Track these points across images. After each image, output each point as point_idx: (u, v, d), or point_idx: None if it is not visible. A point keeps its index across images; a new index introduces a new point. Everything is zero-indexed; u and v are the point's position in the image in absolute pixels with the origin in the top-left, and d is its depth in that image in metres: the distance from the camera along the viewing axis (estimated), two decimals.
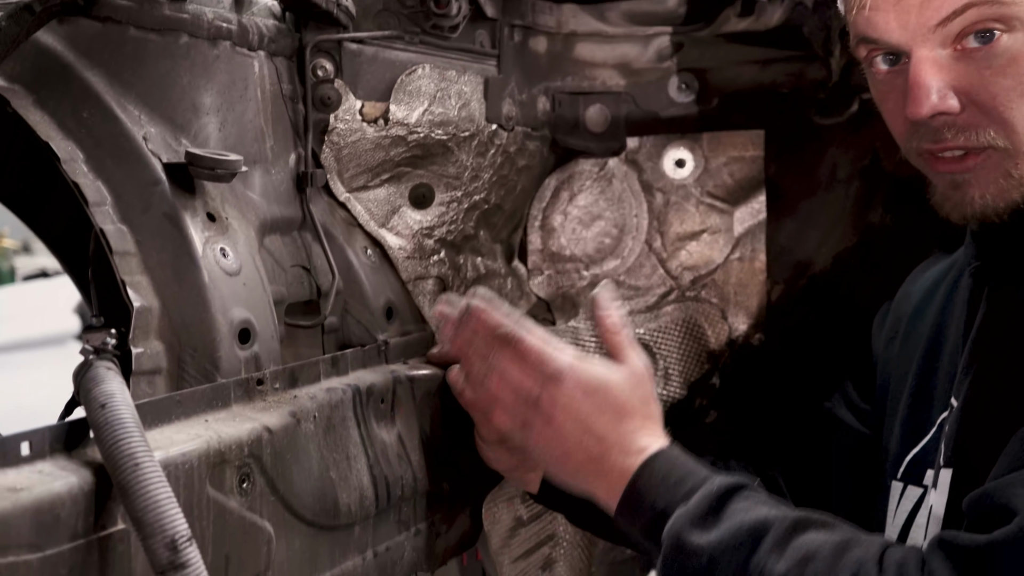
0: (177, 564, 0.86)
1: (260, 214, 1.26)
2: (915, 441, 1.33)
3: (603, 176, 1.72)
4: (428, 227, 1.51)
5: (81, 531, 0.87)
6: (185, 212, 1.14)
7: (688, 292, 1.73)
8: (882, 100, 1.26)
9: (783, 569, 1.08)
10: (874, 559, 1.08)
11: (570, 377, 1.25)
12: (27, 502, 0.82)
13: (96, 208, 1.11)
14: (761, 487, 1.24)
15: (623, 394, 1.26)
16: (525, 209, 1.71)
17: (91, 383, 0.91)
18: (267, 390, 1.16)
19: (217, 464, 1.02)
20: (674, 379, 1.70)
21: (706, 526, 1.14)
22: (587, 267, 1.73)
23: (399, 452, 1.34)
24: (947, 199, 1.22)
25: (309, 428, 1.17)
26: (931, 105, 1.15)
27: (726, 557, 1.11)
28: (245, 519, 1.06)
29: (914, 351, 1.38)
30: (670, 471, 1.21)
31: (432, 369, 1.42)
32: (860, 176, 1.71)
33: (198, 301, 1.12)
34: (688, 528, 1.14)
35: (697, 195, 1.72)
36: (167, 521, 0.86)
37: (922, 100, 1.16)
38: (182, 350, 1.12)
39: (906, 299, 1.47)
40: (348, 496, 1.23)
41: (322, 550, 1.20)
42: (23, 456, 0.86)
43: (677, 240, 1.73)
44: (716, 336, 1.71)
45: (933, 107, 1.15)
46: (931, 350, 1.35)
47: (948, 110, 1.16)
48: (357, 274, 1.41)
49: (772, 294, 1.72)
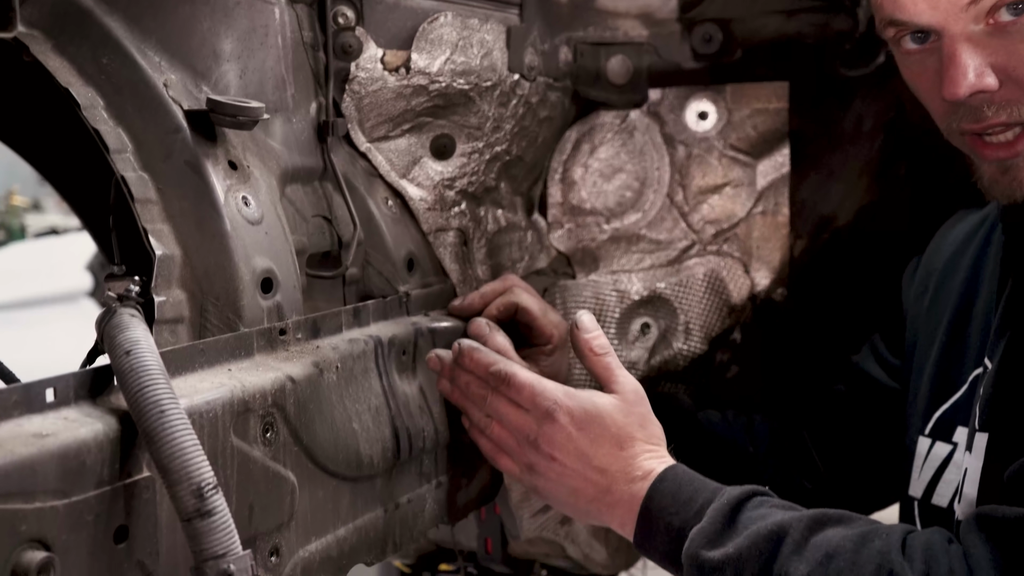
0: (203, 511, 0.86)
1: (281, 163, 1.25)
2: (945, 397, 1.31)
3: (624, 128, 1.70)
4: (449, 178, 1.49)
5: (107, 478, 0.86)
6: (207, 160, 1.12)
7: (710, 246, 1.71)
8: (915, 80, 1.23)
9: (806, 570, 1.07)
10: (896, 547, 1.07)
11: (562, 413, 1.23)
12: (53, 448, 0.81)
13: (117, 155, 1.09)
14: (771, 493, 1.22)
15: (618, 421, 1.24)
16: (546, 162, 1.69)
17: (115, 330, 0.90)
18: (290, 340, 1.15)
19: (241, 413, 1.01)
20: (695, 334, 1.68)
21: (723, 541, 1.12)
22: (608, 221, 1.71)
23: (421, 404, 1.33)
24: (996, 183, 1.19)
25: (332, 379, 1.17)
26: (968, 85, 1.12)
27: (748, 568, 1.10)
28: (269, 469, 1.05)
29: (945, 306, 1.36)
30: (679, 490, 1.19)
31: (453, 322, 1.41)
32: (886, 129, 1.69)
33: (220, 249, 1.10)
34: (705, 545, 1.13)
35: (720, 148, 1.69)
36: (193, 468, 0.85)
37: (959, 81, 1.12)
38: (204, 299, 1.10)
39: (937, 253, 1.45)
40: (370, 448, 1.22)
41: (344, 501, 1.20)
42: (48, 403, 0.85)
43: (699, 193, 1.71)
44: (738, 290, 1.69)
45: (971, 87, 1.12)
46: (963, 305, 1.34)
47: (986, 88, 1.13)
48: (378, 225, 1.39)
49: (795, 248, 1.70)
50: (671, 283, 1.69)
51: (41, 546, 0.79)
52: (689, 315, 1.68)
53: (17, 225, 12.12)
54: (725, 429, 1.54)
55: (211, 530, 0.86)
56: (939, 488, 1.28)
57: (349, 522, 1.21)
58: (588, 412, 1.23)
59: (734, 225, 1.71)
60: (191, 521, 0.86)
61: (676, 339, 1.68)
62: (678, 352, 1.68)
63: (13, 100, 1.40)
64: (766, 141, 1.68)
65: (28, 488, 0.79)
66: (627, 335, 1.67)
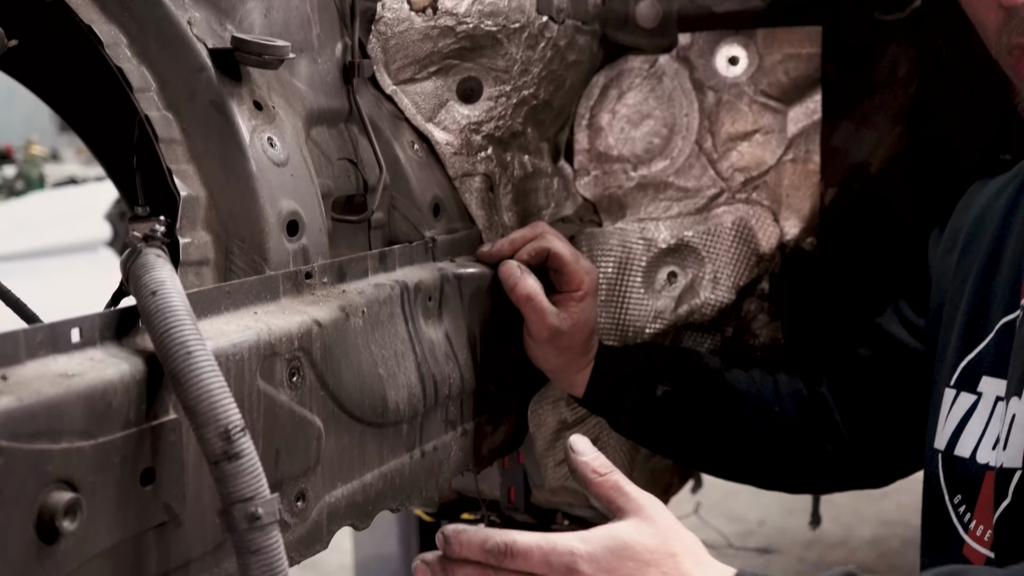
0: (231, 454, 0.84)
1: (307, 104, 1.23)
2: (970, 348, 1.29)
3: (653, 74, 1.67)
4: (476, 122, 1.46)
5: (133, 420, 0.85)
6: (232, 100, 1.10)
7: (739, 194, 1.68)
8: None
9: None
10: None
11: (585, 562, 1.02)
12: (80, 388, 0.80)
13: (141, 94, 1.07)
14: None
15: (649, 545, 1.04)
16: (573, 107, 1.66)
17: (141, 270, 0.88)
18: (316, 284, 1.13)
19: (268, 356, 1.00)
20: (723, 283, 1.66)
21: None
22: (635, 168, 1.68)
23: (447, 351, 1.32)
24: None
25: (358, 323, 1.15)
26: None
27: None
28: (295, 413, 1.04)
29: (973, 261, 1.34)
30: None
31: (480, 268, 1.40)
32: (921, 75, 1.65)
33: (246, 191, 1.09)
34: None
35: (750, 94, 1.66)
36: (220, 410, 0.84)
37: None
38: (230, 241, 1.09)
39: (964, 211, 1.43)
40: (396, 394, 1.21)
41: (370, 447, 1.19)
42: (74, 343, 0.84)
43: (728, 140, 1.68)
44: (767, 239, 1.67)
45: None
46: (991, 259, 1.31)
47: None
48: (404, 169, 1.37)
49: (825, 197, 1.68)
50: (699, 231, 1.66)
51: (68, 487, 0.78)
52: (717, 264, 1.66)
53: (36, 175, 12.13)
54: (751, 388, 1.52)
55: (239, 473, 0.84)
56: (962, 439, 1.26)
57: (375, 468, 1.20)
58: (613, 550, 1.03)
59: (764, 173, 1.68)
60: (218, 464, 0.84)
61: (703, 288, 1.65)
62: (705, 302, 1.66)
63: (35, 41, 1.38)
64: (798, 87, 1.65)
65: (55, 428, 0.77)
66: (653, 284, 1.65)
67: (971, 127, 1.66)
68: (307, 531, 1.08)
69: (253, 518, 0.85)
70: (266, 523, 0.85)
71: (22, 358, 0.79)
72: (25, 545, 0.75)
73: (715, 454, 1.56)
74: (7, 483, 0.73)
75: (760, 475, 1.57)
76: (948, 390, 1.30)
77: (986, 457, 1.22)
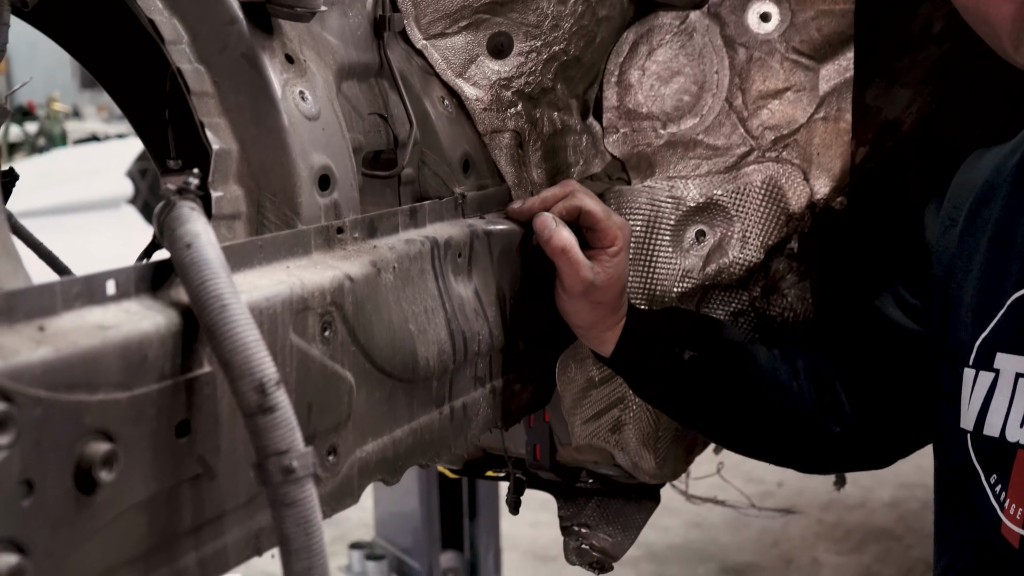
0: (266, 407, 0.84)
1: (338, 58, 1.22)
2: (984, 325, 1.28)
3: (684, 30, 1.65)
4: (506, 78, 1.45)
5: (168, 372, 0.85)
6: (263, 52, 1.10)
7: (769, 152, 1.66)
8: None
9: None
10: None
11: None
12: (116, 340, 0.80)
13: (173, 47, 1.07)
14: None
15: None
16: (602, 63, 1.65)
17: (175, 223, 0.88)
18: (347, 239, 1.13)
19: (300, 311, 1.00)
20: (751, 242, 1.64)
21: None
22: (664, 125, 1.67)
23: (476, 307, 1.31)
24: None
25: (389, 279, 1.15)
26: None
27: None
28: (327, 368, 1.04)
29: (980, 236, 1.32)
30: None
31: (510, 224, 1.39)
32: (955, 33, 1.63)
33: (278, 145, 1.08)
34: None
35: (782, 51, 1.64)
36: (256, 363, 0.84)
37: None
38: (261, 195, 1.09)
39: (963, 186, 1.39)
40: (426, 350, 1.21)
41: (400, 403, 1.19)
42: (109, 295, 0.84)
43: (759, 98, 1.66)
44: (797, 199, 1.65)
45: None
46: (1000, 232, 1.29)
47: None
48: (434, 125, 1.36)
49: (857, 156, 1.66)
50: (728, 190, 1.65)
51: (105, 438, 0.78)
52: (746, 223, 1.65)
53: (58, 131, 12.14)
54: (772, 364, 1.52)
55: (273, 426, 0.85)
56: (989, 418, 1.25)
57: (404, 424, 1.20)
58: None
59: (794, 131, 1.66)
60: (253, 417, 0.84)
61: (732, 248, 1.64)
62: (733, 261, 1.65)
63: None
64: (830, 44, 1.63)
65: (91, 380, 0.78)
66: (681, 243, 1.64)
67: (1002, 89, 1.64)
68: (338, 485, 1.08)
69: (288, 471, 0.85)
70: (301, 476, 0.85)
71: (59, 309, 0.79)
72: (64, 495, 0.76)
73: (731, 425, 1.56)
74: (46, 433, 0.74)
75: (773, 451, 1.57)
76: (967, 370, 1.29)
77: (1016, 435, 1.21)
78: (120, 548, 0.82)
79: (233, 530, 0.95)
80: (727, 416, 1.54)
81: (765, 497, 4.03)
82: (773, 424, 1.51)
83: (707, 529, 4.81)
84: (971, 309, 1.30)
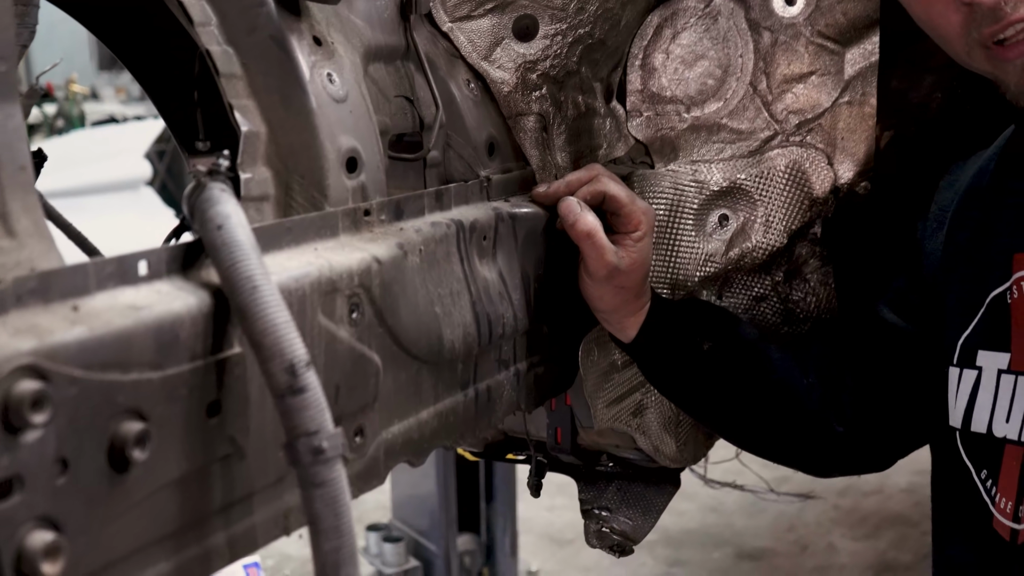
0: (296, 388, 0.85)
1: (364, 40, 1.22)
2: (966, 324, 1.31)
3: (708, 13, 1.65)
4: (531, 61, 1.45)
5: (199, 352, 0.85)
6: (291, 34, 1.10)
7: (793, 137, 1.66)
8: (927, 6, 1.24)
9: None
10: None
11: None
12: (148, 320, 0.80)
13: (201, 28, 1.07)
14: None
15: None
16: (626, 47, 1.64)
17: (206, 204, 0.88)
18: (374, 221, 1.13)
19: (328, 293, 1.00)
20: (775, 227, 1.64)
21: None
22: (688, 109, 1.66)
23: (500, 291, 1.32)
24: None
25: (415, 261, 1.15)
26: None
27: None
28: (355, 349, 1.04)
29: (963, 238, 1.35)
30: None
31: (535, 208, 1.39)
32: None
33: (306, 127, 1.08)
34: None
35: (807, 35, 1.63)
36: (286, 344, 0.84)
37: None
38: (290, 177, 1.09)
39: (948, 190, 1.43)
40: (452, 332, 1.21)
41: (426, 385, 1.19)
42: (141, 276, 0.85)
43: (784, 82, 1.65)
44: (820, 183, 1.65)
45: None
46: (982, 232, 1.32)
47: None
48: (459, 107, 1.36)
49: (881, 140, 1.65)
50: (752, 174, 1.64)
51: (138, 417, 0.79)
52: (769, 207, 1.64)
53: (76, 113, 12.18)
54: (783, 363, 1.52)
55: (304, 407, 0.85)
56: (975, 415, 1.28)
57: (430, 406, 1.20)
58: None
59: (819, 115, 1.65)
60: (283, 398, 0.85)
61: (755, 232, 1.64)
62: (756, 245, 1.64)
63: None
64: (856, 28, 1.62)
65: (124, 359, 0.78)
66: (704, 227, 1.64)
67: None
68: (365, 467, 1.09)
69: (318, 451, 0.85)
70: (330, 457, 0.86)
71: (92, 289, 0.80)
72: (98, 473, 0.76)
73: (739, 420, 1.56)
74: (80, 412, 0.74)
75: (777, 449, 1.57)
76: (952, 369, 1.32)
77: (1002, 431, 1.25)
78: (151, 526, 0.83)
79: (262, 509, 0.96)
80: (736, 411, 1.55)
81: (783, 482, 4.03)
82: (779, 423, 1.52)
83: (723, 514, 4.82)
84: (953, 309, 1.33)
